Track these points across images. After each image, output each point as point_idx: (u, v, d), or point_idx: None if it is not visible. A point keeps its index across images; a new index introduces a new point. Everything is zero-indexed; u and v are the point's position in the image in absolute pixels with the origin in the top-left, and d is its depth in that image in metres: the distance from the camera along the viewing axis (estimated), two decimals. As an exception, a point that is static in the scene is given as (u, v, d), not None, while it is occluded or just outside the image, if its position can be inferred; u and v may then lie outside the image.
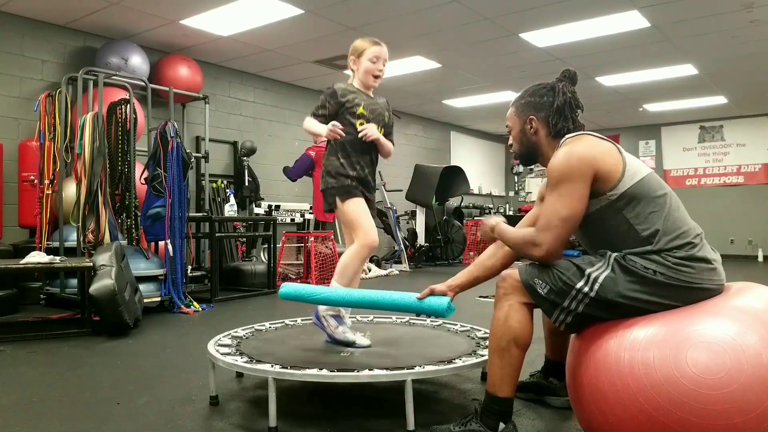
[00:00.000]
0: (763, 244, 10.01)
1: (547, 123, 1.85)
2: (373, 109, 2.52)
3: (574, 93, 1.86)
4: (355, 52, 2.55)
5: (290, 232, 6.70)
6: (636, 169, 1.68)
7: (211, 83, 6.72)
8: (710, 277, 1.60)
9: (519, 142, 1.93)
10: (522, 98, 1.92)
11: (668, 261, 1.58)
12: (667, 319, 1.52)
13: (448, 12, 5.21)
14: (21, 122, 5.18)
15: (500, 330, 1.68)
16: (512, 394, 1.69)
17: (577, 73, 1.91)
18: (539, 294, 1.65)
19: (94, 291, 3.36)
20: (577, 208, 1.65)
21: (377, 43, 2.53)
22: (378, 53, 2.51)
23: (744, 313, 1.47)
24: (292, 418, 2.01)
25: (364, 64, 2.51)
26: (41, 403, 2.21)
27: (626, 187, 1.64)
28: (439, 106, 9.34)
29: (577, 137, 1.76)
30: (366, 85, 2.54)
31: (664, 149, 11.10)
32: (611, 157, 1.67)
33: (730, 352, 1.37)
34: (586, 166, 1.64)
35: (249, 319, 3.76)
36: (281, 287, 2.24)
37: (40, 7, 5.07)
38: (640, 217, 1.64)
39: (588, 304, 1.61)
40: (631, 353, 1.47)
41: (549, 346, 2.18)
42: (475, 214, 10.85)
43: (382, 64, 2.52)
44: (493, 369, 1.69)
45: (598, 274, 1.61)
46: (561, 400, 2.11)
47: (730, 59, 6.70)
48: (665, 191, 1.69)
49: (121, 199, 4.47)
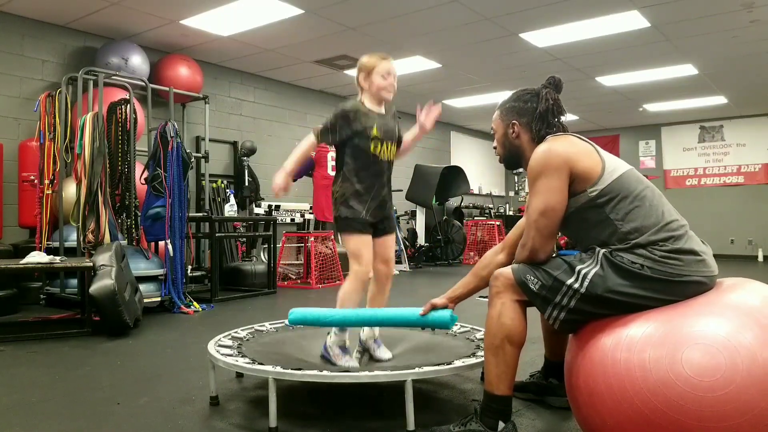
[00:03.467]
0: (763, 244, 10.02)
1: (530, 128, 1.89)
2: (386, 128, 2.46)
3: (557, 100, 1.90)
4: (365, 69, 2.45)
5: (290, 232, 6.70)
6: (615, 166, 1.72)
7: (211, 83, 6.72)
8: (699, 269, 1.60)
9: (502, 146, 1.97)
10: (507, 103, 1.97)
11: (654, 254, 1.59)
12: (662, 318, 1.51)
13: (448, 12, 5.21)
14: (21, 122, 5.18)
15: (494, 328, 1.69)
16: (510, 392, 1.70)
17: (562, 80, 1.94)
18: (531, 290, 1.67)
19: (94, 291, 3.36)
20: (554, 200, 1.69)
21: (386, 59, 2.45)
22: (388, 69, 2.44)
23: (738, 312, 1.47)
24: (293, 418, 2.01)
25: (376, 81, 2.42)
26: (41, 403, 2.21)
27: (605, 184, 1.68)
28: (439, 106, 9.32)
29: (557, 136, 1.82)
30: (378, 101, 2.47)
31: (664, 149, 11.10)
32: (589, 156, 1.71)
33: (724, 352, 1.36)
34: (562, 162, 1.68)
35: (249, 320, 3.75)
36: (290, 313, 2.18)
37: (40, 7, 5.07)
38: (621, 213, 1.66)
39: (579, 299, 1.63)
40: (627, 354, 1.46)
41: (548, 346, 2.19)
42: (475, 214, 10.85)
43: (393, 79, 2.45)
44: (489, 367, 1.71)
45: (588, 270, 1.63)
46: (561, 400, 2.11)
47: (730, 59, 6.70)
48: (645, 186, 1.72)
49: (121, 199, 4.46)
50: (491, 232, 9.25)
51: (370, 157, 2.38)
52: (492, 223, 9.32)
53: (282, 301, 5.09)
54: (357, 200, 2.37)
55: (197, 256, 6.00)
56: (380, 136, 2.40)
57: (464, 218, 9.98)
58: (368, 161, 2.38)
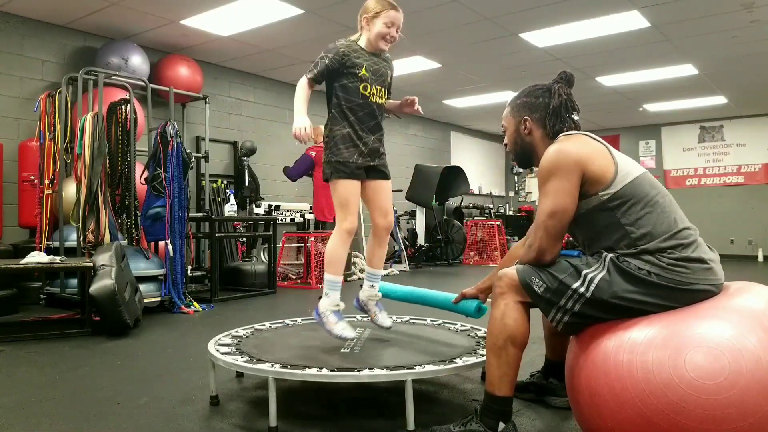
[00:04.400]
0: (763, 244, 10.01)
1: (542, 124, 1.86)
2: (376, 69, 2.39)
3: (569, 95, 1.87)
4: (370, 11, 2.36)
5: (290, 232, 6.70)
6: (628, 169, 1.69)
7: (211, 83, 6.72)
8: (706, 277, 1.59)
9: (513, 143, 1.94)
10: (518, 99, 1.92)
11: (662, 261, 1.58)
12: (665, 321, 1.51)
13: (448, 12, 5.21)
14: (21, 122, 5.18)
15: (497, 329, 1.68)
16: (511, 393, 1.69)
17: (573, 75, 1.92)
18: (536, 293, 1.66)
19: (94, 291, 3.36)
20: (564, 202, 1.66)
21: (395, 8, 2.37)
22: (394, 18, 2.35)
23: (742, 315, 1.46)
24: (293, 417, 2.01)
25: (378, 26, 2.34)
26: (41, 403, 2.20)
27: (618, 188, 1.65)
28: (439, 106, 9.34)
29: (569, 136, 1.78)
30: (374, 47, 2.40)
31: (664, 149, 11.10)
32: (602, 157, 1.68)
33: (728, 355, 1.35)
34: (574, 164, 1.65)
35: (249, 319, 3.75)
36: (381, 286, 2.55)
37: (40, 7, 5.07)
38: (632, 218, 1.64)
39: (584, 303, 1.61)
40: (629, 356, 1.45)
41: (549, 346, 2.18)
42: (475, 214, 10.85)
43: (395, 30, 2.37)
44: (491, 368, 1.70)
45: (594, 275, 1.62)
46: (561, 400, 2.11)
47: (730, 59, 6.70)
48: (658, 191, 1.69)
49: (121, 199, 4.46)
50: (491, 232, 9.25)
51: (360, 98, 2.34)
52: (492, 223, 9.32)
53: (282, 301, 5.09)
54: (347, 143, 2.34)
55: (197, 256, 6.00)
56: (369, 77, 2.36)
57: (464, 218, 9.98)
58: (358, 102, 2.35)
